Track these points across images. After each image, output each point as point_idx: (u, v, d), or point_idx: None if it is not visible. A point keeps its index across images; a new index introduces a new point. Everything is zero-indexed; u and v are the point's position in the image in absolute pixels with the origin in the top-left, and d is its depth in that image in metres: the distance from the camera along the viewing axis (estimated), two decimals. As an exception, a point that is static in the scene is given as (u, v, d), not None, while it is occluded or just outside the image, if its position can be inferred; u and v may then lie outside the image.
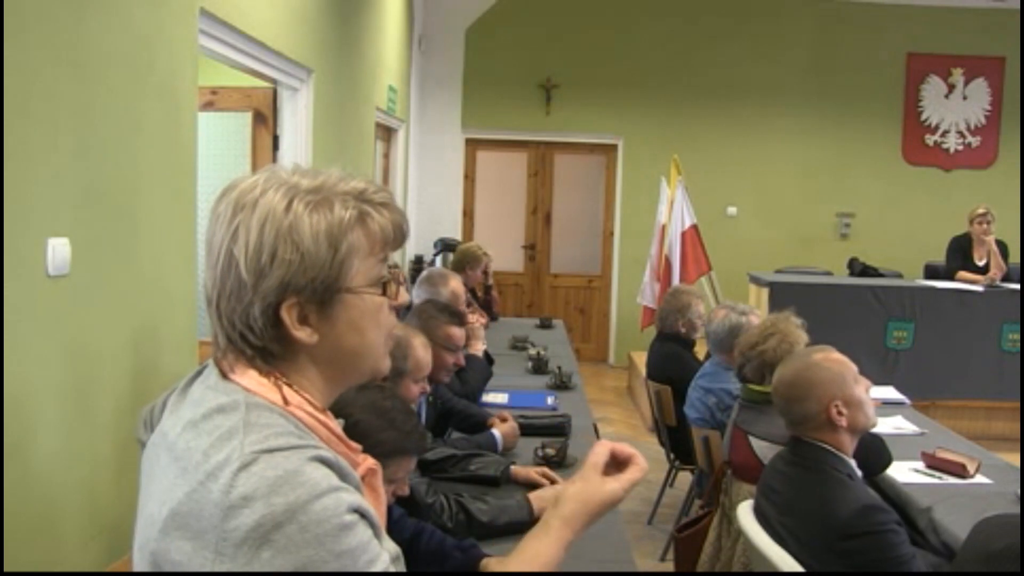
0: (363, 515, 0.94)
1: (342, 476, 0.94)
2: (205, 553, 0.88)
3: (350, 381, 1.07)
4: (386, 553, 0.97)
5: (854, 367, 2.35)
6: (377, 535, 0.96)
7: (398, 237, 1.04)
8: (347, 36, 5.04)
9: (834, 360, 2.34)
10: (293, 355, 1.00)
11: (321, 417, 1.01)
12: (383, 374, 1.11)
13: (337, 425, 1.05)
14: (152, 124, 2.49)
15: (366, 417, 1.68)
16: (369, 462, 1.09)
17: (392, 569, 0.97)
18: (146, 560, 0.94)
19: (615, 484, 1.20)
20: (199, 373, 1.05)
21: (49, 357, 1.97)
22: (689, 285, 5.50)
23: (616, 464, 1.22)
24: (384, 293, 1.04)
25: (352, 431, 1.26)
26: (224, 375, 1.00)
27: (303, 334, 0.98)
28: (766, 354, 2.90)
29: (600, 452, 1.21)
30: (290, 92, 4.06)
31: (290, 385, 1.00)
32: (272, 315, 0.97)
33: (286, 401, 0.98)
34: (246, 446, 0.91)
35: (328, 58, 4.53)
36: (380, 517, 1.01)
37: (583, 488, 1.19)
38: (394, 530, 1.71)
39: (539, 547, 1.18)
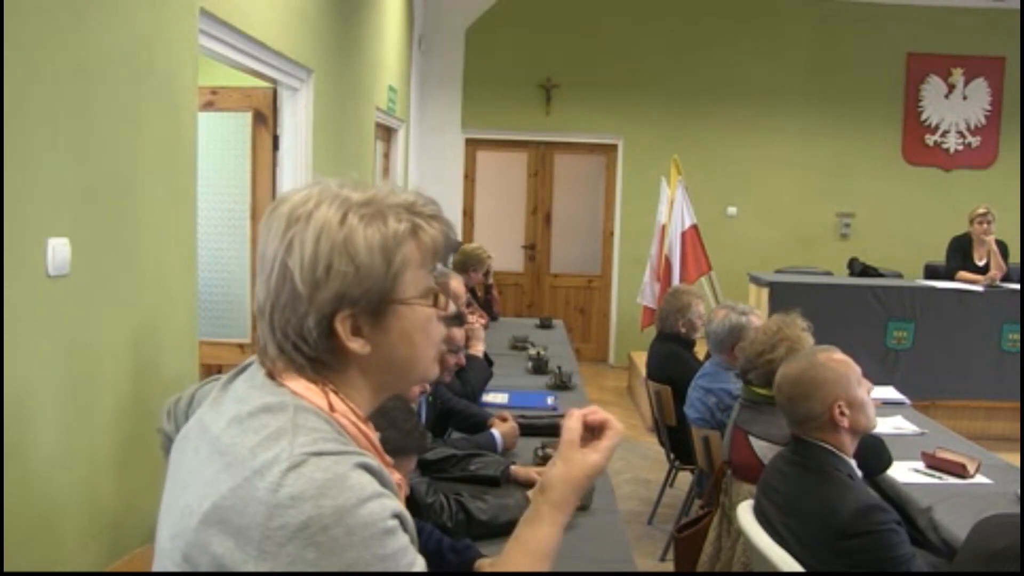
0: (402, 521, 0.96)
1: (383, 483, 0.96)
2: (248, 549, 0.89)
3: (397, 389, 1.10)
4: (421, 558, 0.99)
5: (858, 369, 2.35)
6: (412, 541, 0.98)
7: (447, 248, 1.06)
8: (347, 36, 5.04)
9: (838, 361, 2.34)
10: (344, 365, 1.02)
11: (362, 427, 1.03)
12: (429, 381, 1.12)
13: (376, 436, 1.06)
14: (152, 124, 2.49)
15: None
16: (396, 475, 1.11)
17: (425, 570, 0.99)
18: (178, 551, 0.95)
19: (595, 455, 1.20)
20: (241, 370, 1.06)
21: (49, 357, 1.97)
22: (689, 285, 5.50)
23: (591, 431, 1.22)
24: (435, 304, 1.05)
25: None
26: (272, 377, 1.01)
27: (356, 345, 1.00)
28: (774, 363, 2.88)
29: (572, 428, 1.22)
30: (290, 92, 4.06)
31: (337, 392, 1.01)
32: (326, 326, 0.98)
33: (332, 407, 0.99)
34: (296, 447, 0.92)
35: (328, 58, 4.53)
36: None
37: (565, 469, 1.20)
38: None
39: (537, 534, 1.20)
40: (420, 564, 0.97)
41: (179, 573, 0.94)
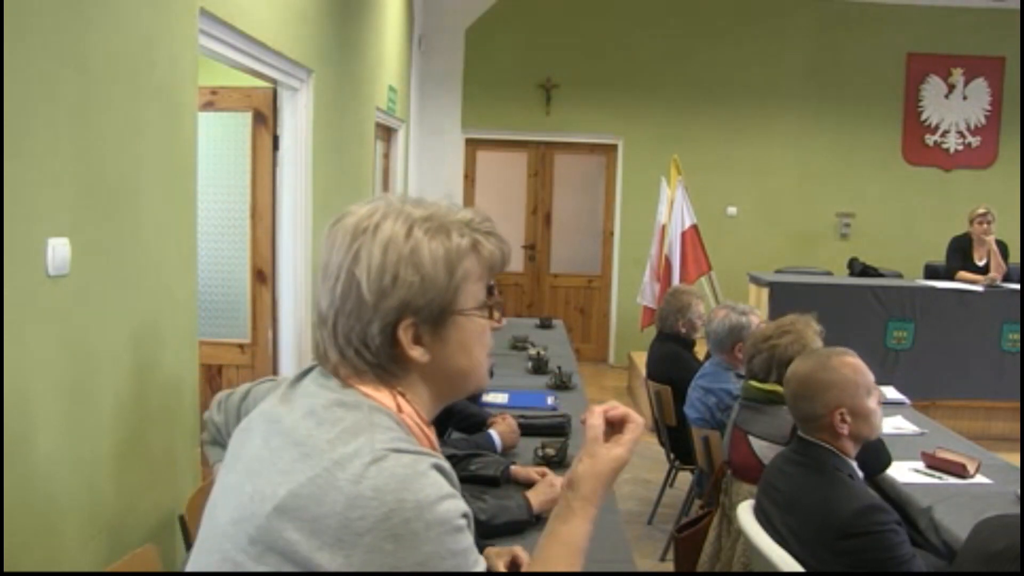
0: (469, 522, 1.00)
1: (453, 484, 1.00)
2: (324, 537, 0.92)
3: (454, 398, 1.15)
4: (483, 558, 1.02)
5: (870, 377, 2.31)
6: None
7: (502, 264, 1.13)
8: (347, 36, 5.04)
9: (851, 367, 2.30)
10: (405, 372, 1.06)
11: (426, 429, 1.08)
12: (483, 390, 1.16)
13: (436, 439, 1.11)
14: (152, 124, 2.49)
15: None
16: None
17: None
18: (244, 534, 0.97)
19: (619, 449, 1.23)
20: (307, 371, 1.11)
21: (49, 357, 1.97)
22: (689, 285, 5.50)
23: (612, 426, 1.25)
24: (490, 316, 1.11)
25: None
26: (342, 380, 1.06)
27: (417, 353, 1.05)
28: (777, 349, 2.89)
29: (596, 425, 1.24)
30: (290, 92, 4.06)
31: (403, 395, 1.06)
32: (390, 333, 1.03)
33: (399, 409, 1.04)
34: (376, 443, 0.97)
35: (328, 58, 4.53)
36: None
37: (592, 464, 1.22)
38: None
39: (570, 528, 1.21)
40: (482, 564, 1.01)
41: (236, 573, 0.97)
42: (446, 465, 1.01)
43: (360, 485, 0.93)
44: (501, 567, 1.98)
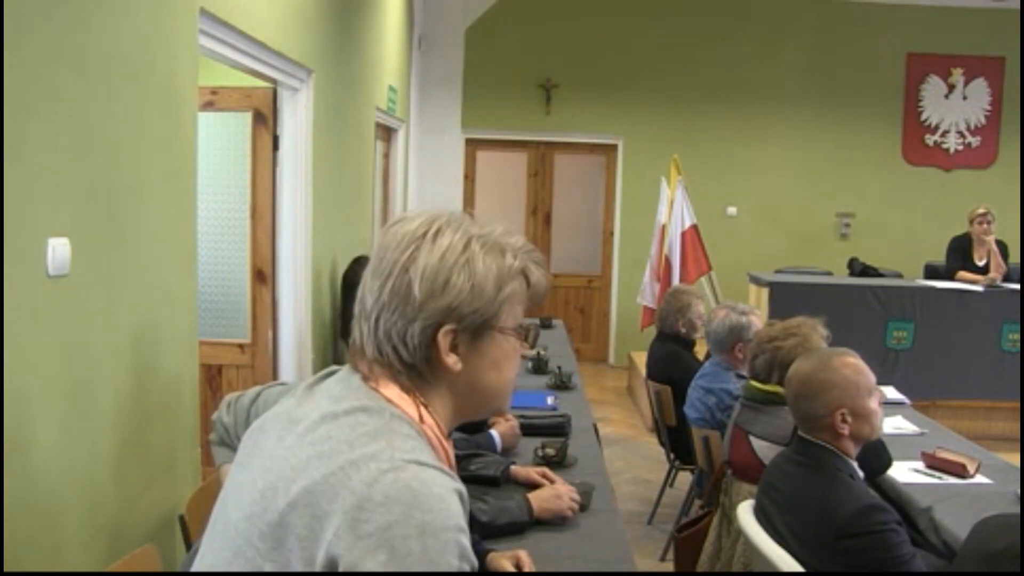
0: (467, 564, 0.98)
1: (465, 515, 0.99)
2: (328, 533, 0.92)
3: (475, 416, 1.16)
4: None
5: (871, 378, 2.31)
6: None
7: (543, 295, 1.15)
8: (347, 36, 5.04)
9: (852, 368, 2.30)
10: (436, 379, 1.08)
11: (445, 443, 1.08)
12: (504, 413, 1.17)
13: (453, 452, 1.12)
14: (152, 124, 2.49)
15: None
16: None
17: None
18: (255, 529, 0.98)
19: None
20: (330, 373, 1.12)
21: (49, 357, 1.97)
22: (689, 285, 5.50)
23: None
24: (524, 339, 1.14)
25: None
26: (366, 381, 1.07)
27: (451, 360, 1.06)
28: (780, 351, 2.89)
29: None
30: (290, 92, 4.06)
31: (427, 406, 1.07)
32: (430, 335, 1.05)
33: (421, 419, 1.05)
34: (396, 451, 0.97)
35: (328, 58, 4.53)
36: None
37: None
38: None
39: None
40: None
41: (240, 573, 0.98)
42: (464, 492, 1.00)
43: (373, 488, 0.93)
44: (509, 567, 2.01)
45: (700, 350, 4.51)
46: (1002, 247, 6.40)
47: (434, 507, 0.93)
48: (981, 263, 6.39)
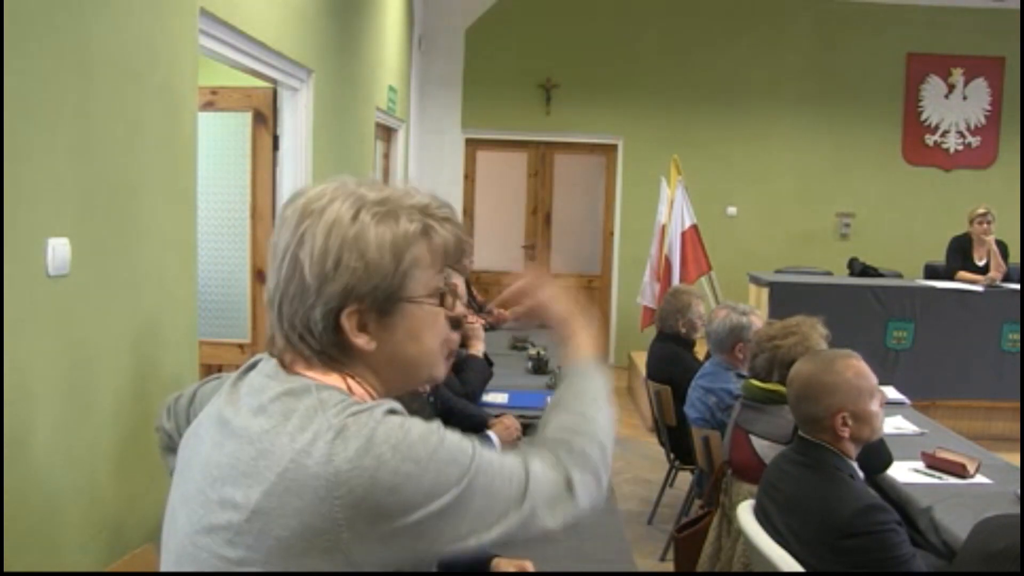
0: (438, 425, 0.99)
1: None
2: (325, 523, 0.90)
3: (407, 388, 1.11)
4: (477, 443, 1.02)
5: (873, 380, 2.31)
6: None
7: (458, 251, 1.08)
8: (347, 36, 5.04)
9: (854, 370, 2.30)
10: (352, 360, 1.03)
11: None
12: (438, 381, 1.16)
13: None
14: (152, 124, 2.49)
15: None
16: None
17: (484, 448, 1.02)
18: (221, 542, 0.94)
19: (543, 293, 1.30)
20: (250, 367, 1.07)
21: (49, 357, 1.97)
22: (689, 285, 5.50)
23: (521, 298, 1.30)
24: (442, 304, 1.07)
25: None
26: (287, 368, 1.03)
27: (361, 341, 1.02)
28: (780, 350, 2.89)
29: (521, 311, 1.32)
30: (290, 92, 4.06)
31: (353, 377, 1.03)
32: (332, 320, 1.00)
33: (350, 390, 1.02)
34: (332, 418, 0.94)
35: (328, 58, 4.53)
36: None
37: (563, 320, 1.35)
38: None
39: (590, 383, 1.31)
40: (483, 442, 1.01)
41: (236, 574, 0.94)
42: (397, 405, 0.99)
43: (333, 463, 0.90)
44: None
45: (700, 350, 4.51)
46: (1002, 247, 6.40)
47: (388, 430, 0.93)
48: (981, 263, 6.39)
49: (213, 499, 0.96)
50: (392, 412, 0.97)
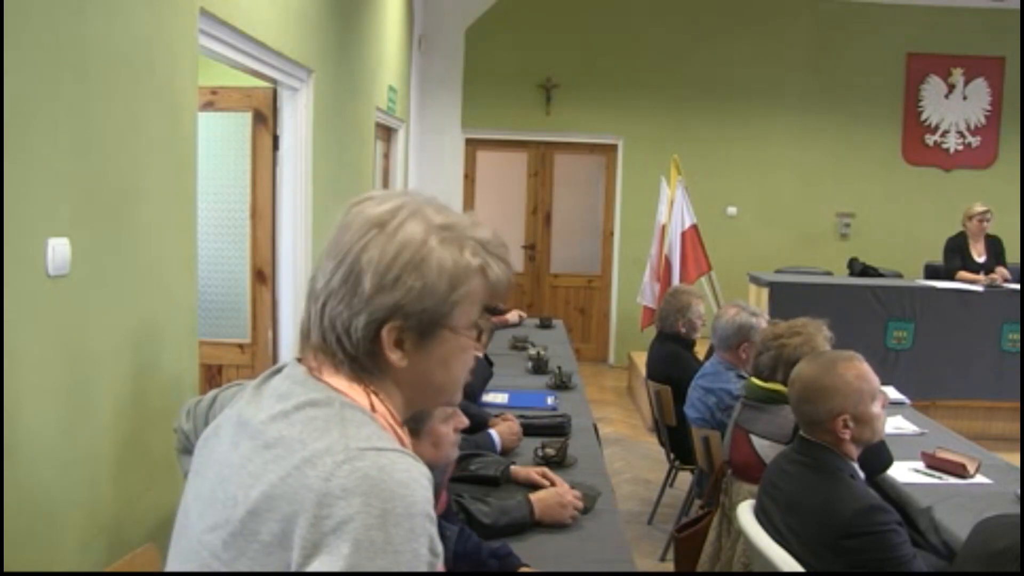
0: (435, 557, 0.95)
1: (430, 495, 0.97)
2: (296, 535, 0.90)
3: (423, 407, 1.13)
4: None
5: (875, 383, 2.31)
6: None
7: (506, 292, 1.11)
8: (347, 36, 5.04)
9: (856, 374, 2.29)
10: (381, 373, 1.04)
11: (399, 430, 1.04)
12: (453, 406, 1.15)
13: (409, 441, 1.08)
14: (152, 124, 2.49)
15: None
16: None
17: None
18: (219, 540, 0.95)
19: None
20: (277, 371, 1.08)
21: (49, 357, 1.97)
22: (689, 285, 5.50)
23: None
24: (477, 339, 1.09)
25: None
26: (313, 374, 1.03)
27: (395, 356, 1.02)
28: (785, 349, 2.89)
29: None
30: (290, 92, 4.06)
31: (377, 394, 1.03)
32: (374, 330, 1.01)
33: (373, 408, 1.01)
34: (351, 440, 0.93)
35: (328, 58, 4.53)
36: None
37: None
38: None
39: None
40: None
41: (216, 574, 0.95)
42: (426, 471, 0.97)
43: (330, 483, 0.90)
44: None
45: (700, 350, 4.51)
46: (997, 243, 6.41)
47: (396, 493, 0.90)
48: (980, 259, 6.39)
49: (220, 497, 0.97)
50: (422, 476, 0.95)
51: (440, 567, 0.97)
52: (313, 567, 0.88)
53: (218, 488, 0.99)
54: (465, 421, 1.81)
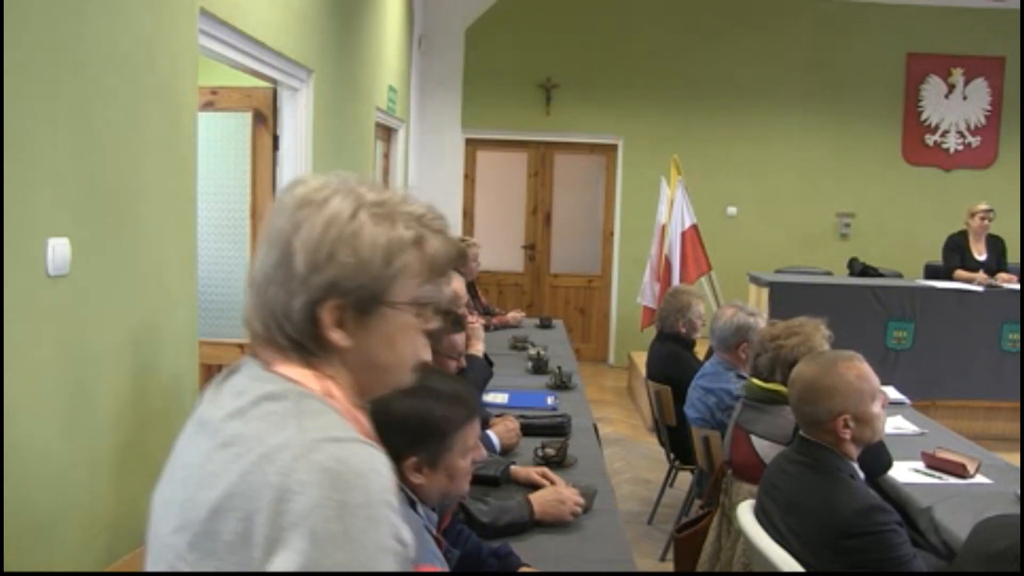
0: (402, 545, 0.94)
1: (392, 487, 0.95)
2: (258, 533, 0.89)
3: (375, 393, 1.10)
4: None
5: (875, 383, 2.31)
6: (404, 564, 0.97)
7: (447, 265, 1.08)
8: (347, 36, 5.04)
9: (856, 374, 2.29)
10: (327, 355, 1.03)
11: (357, 413, 1.03)
12: (401, 386, 1.13)
13: (369, 424, 1.06)
14: (152, 124, 2.49)
15: (412, 404, 1.64)
16: None
17: None
18: (183, 542, 0.95)
19: None
20: (236, 370, 1.07)
21: (49, 357, 1.97)
22: (689, 285, 5.50)
23: None
24: (420, 315, 1.07)
25: (408, 426, 1.45)
26: (266, 367, 1.02)
27: (337, 336, 1.01)
28: (783, 350, 2.89)
29: None
30: (290, 92, 4.06)
31: (332, 378, 1.02)
32: (311, 311, 1.00)
33: (329, 394, 1.01)
34: (308, 432, 0.93)
35: (328, 58, 4.53)
36: None
37: None
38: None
39: None
40: None
41: (183, 574, 0.94)
42: (385, 459, 0.96)
43: (289, 478, 0.89)
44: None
45: (700, 350, 4.51)
46: (999, 243, 6.41)
47: (353, 483, 0.89)
48: (981, 258, 6.39)
49: (181, 498, 0.97)
50: (382, 464, 0.94)
51: (412, 556, 0.97)
52: (274, 565, 0.88)
53: (179, 490, 0.98)
54: (483, 453, 1.80)
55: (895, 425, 3.65)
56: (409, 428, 1.63)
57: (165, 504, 1.01)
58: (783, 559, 2.21)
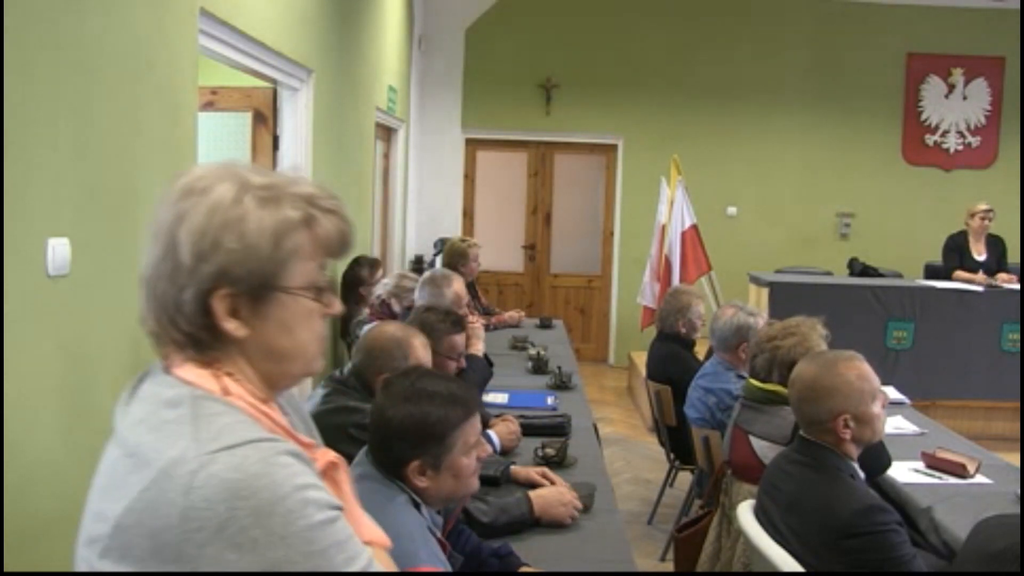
0: (330, 508, 0.93)
1: (303, 469, 0.94)
2: (167, 552, 0.88)
3: (284, 381, 1.07)
4: (368, 551, 0.97)
5: (875, 382, 2.30)
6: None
7: (342, 246, 1.05)
8: (347, 36, 5.04)
9: (857, 374, 2.29)
10: (224, 347, 1.00)
11: (263, 408, 1.01)
12: (314, 375, 1.11)
13: (282, 417, 1.04)
14: (152, 124, 2.49)
15: (408, 410, 1.65)
16: (330, 455, 1.07)
17: (374, 568, 0.96)
18: (94, 556, 0.94)
19: None
20: (148, 373, 1.04)
21: (49, 357, 1.97)
22: (689, 285, 5.50)
23: None
24: (318, 299, 1.04)
25: (407, 432, 1.44)
26: (166, 369, 1.00)
27: (231, 326, 0.99)
28: (779, 351, 2.89)
29: None
30: (290, 92, 4.06)
31: (231, 375, 1.00)
32: (203, 302, 0.97)
33: (226, 391, 0.98)
34: (202, 444, 0.90)
35: (328, 58, 4.53)
36: (347, 510, 1.00)
37: None
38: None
39: None
40: (362, 561, 0.95)
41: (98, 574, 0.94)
42: (293, 447, 0.95)
43: (190, 496, 0.87)
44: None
45: (700, 350, 4.51)
46: (999, 243, 6.41)
47: (255, 487, 0.88)
48: (981, 258, 6.39)
49: (93, 510, 0.96)
50: (282, 455, 0.92)
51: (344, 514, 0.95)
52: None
53: (92, 501, 0.97)
54: (488, 449, 1.79)
55: (895, 425, 3.65)
56: (408, 434, 1.64)
57: (84, 516, 1.00)
58: (783, 559, 2.21)
